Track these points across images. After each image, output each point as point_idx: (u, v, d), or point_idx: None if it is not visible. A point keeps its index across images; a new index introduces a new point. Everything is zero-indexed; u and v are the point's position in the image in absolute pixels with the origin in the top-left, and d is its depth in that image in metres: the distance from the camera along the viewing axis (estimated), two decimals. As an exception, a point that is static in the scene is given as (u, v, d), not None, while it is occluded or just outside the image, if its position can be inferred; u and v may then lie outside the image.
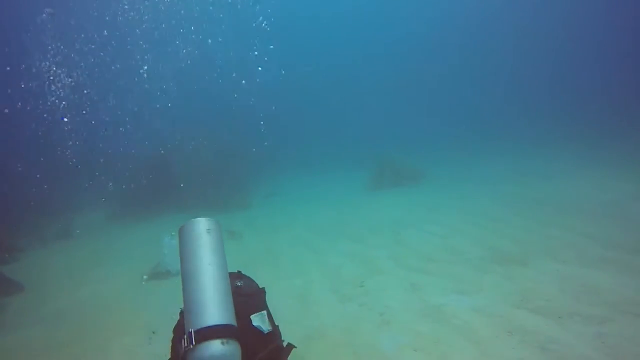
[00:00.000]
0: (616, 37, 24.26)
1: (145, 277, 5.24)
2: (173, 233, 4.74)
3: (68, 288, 5.28)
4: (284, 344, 1.87)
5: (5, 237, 7.07)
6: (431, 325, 3.21)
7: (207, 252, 1.65)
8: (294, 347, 1.84)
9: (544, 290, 3.58)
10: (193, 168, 8.69)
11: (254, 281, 2.07)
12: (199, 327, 1.44)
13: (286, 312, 3.57)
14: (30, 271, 6.15)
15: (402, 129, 19.21)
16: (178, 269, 1.73)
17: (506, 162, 10.47)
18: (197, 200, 8.96)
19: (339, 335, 3.24)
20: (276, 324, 1.93)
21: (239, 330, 1.52)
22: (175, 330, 1.77)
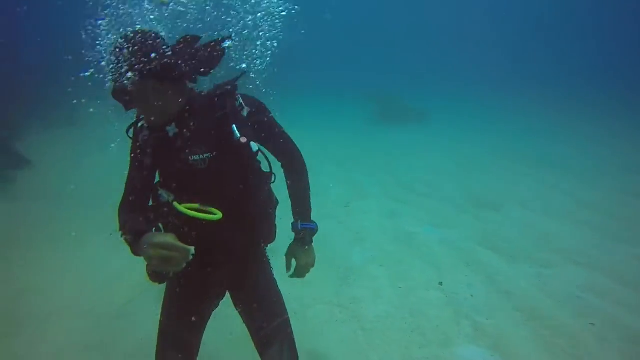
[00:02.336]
0: None
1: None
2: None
3: (70, 168, 5.58)
4: None
5: (12, 116, 7.23)
6: (400, 248, 3.61)
7: None
8: None
9: (506, 234, 3.95)
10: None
11: None
12: None
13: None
14: (36, 150, 6.42)
15: (412, 65, 18.66)
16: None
17: (518, 121, 10.33)
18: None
19: (315, 243, 3.63)
20: None
21: None
22: None
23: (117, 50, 1.15)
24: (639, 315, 2.62)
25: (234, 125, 1.24)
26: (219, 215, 1.24)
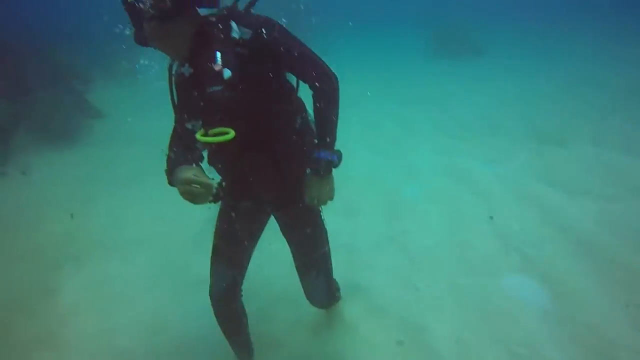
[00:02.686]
0: None
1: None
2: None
3: (139, 117, 6.00)
4: None
5: (81, 68, 7.76)
6: (451, 183, 3.59)
7: None
8: None
9: (570, 170, 3.74)
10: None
11: None
12: None
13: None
14: (106, 100, 6.92)
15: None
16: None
17: (586, 43, 9.30)
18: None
19: (366, 179, 3.73)
20: None
21: None
22: None
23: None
24: None
25: (218, 52, 1.19)
26: (231, 133, 1.24)
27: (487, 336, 2.01)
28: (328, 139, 1.43)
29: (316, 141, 1.46)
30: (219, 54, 1.19)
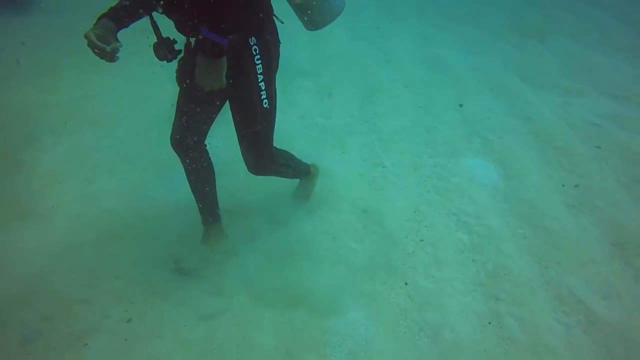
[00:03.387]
0: None
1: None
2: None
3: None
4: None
5: None
6: (427, 71, 3.62)
7: None
8: None
9: (544, 64, 3.81)
10: None
11: None
12: None
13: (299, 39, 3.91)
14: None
15: None
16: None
17: None
18: None
19: (343, 62, 3.69)
20: None
21: None
22: None
23: None
24: (650, 143, 2.72)
25: None
26: None
27: (441, 207, 2.27)
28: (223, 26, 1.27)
29: None
30: None
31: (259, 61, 1.52)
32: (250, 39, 1.48)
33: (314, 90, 3.31)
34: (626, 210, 2.25)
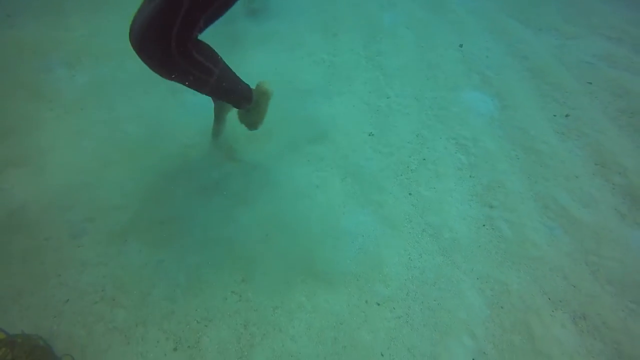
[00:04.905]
0: None
1: None
2: None
3: None
4: None
5: None
6: (430, 14, 3.69)
7: None
8: None
9: (544, 9, 3.89)
10: None
11: None
12: None
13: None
14: None
15: None
16: None
17: None
18: None
19: (348, 3, 3.76)
20: None
21: None
22: None
23: None
24: (639, 77, 2.89)
25: None
26: None
27: (442, 133, 2.46)
28: None
29: None
30: None
31: None
32: None
33: (319, 30, 3.40)
34: (610, 136, 2.45)
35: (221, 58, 1.55)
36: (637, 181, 2.16)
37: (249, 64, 2.97)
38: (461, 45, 3.26)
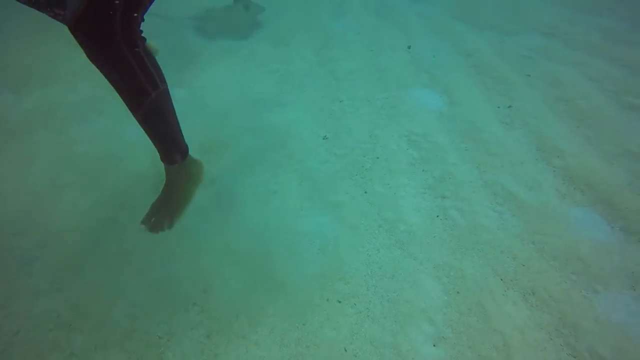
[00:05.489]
0: None
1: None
2: None
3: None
4: None
5: None
6: (378, 20, 3.84)
7: None
8: None
9: (485, 9, 4.12)
10: None
11: None
12: None
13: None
14: None
15: None
16: None
17: None
18: None
19: (299, 14, 3.84)
20: None
21: None
22: None
23: None
24: (572, 68, 3.09)
25: None
26: None
27: (394, 131, 2.54)
28: None
29: None
30: None
31: None
32: None
33: (272, 41, 3.45)
34: (549, 123, 2.61)
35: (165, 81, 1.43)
36: (573, 163, 2.31)
37: (204, 78, 2.98)
38: (409, 47, 3.39)
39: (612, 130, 2.54)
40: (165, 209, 1.77)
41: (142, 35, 1.33)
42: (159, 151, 1.65)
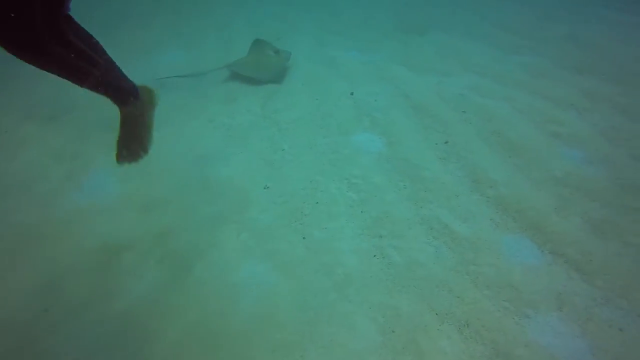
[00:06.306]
0: None
1: None
2: None
3: None
4: None
5: None
6: (323, 69, 4.03)
7: None
8: None
9: (423, 53, 4.39)
10: None
11: None
12: None
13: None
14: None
15: None
16: None
17: None
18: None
19: (249, 85, 4.01)
20: None
21: None
22: None
23: None
24: (502, 102, 3.29)
25: None
26: None
27: (334, 175, 2.61)
28: None
29: None
30: None
31: None
32: None
33: (221, 98, 3.58)
34: (483, 155, 2.73)
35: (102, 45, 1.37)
36: (505, 191, 2.40)
37: (156, 140, 3.04)
38: (352, 93, 3.56)
39: (539, 157, 2.67)
40: (134, 138, 1.67)
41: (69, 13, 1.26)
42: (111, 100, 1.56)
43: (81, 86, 1.35)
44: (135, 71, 1.79)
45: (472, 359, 1.60)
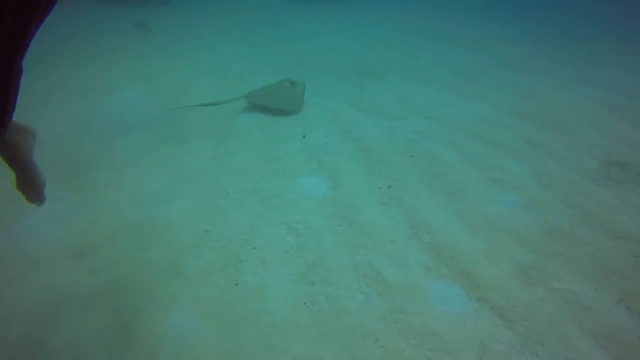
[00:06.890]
0: None
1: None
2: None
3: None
4: None
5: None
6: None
7: None
8: None
9: (378, 97, 4.56)
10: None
11: None
12: None
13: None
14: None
15: None
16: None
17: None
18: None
19: (203, 111, 4.07)
20: None
21: None
22: None
23: None
24: (447, 146, 3.42)
25: None
26: None
27: (275, 219, 2.62)
28: None
29: None
30: None
31: None
32: None
33: (171, 140, 3.59)
34: (424, 200, 2.80)
35: None
36: (441, 237, 2.45)
37: (97, 179, 3.01)
38: (304, 136, 3.64)
39: (477, 202, 2.76)
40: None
41: None
42: None
43: None
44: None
45: (388, 413, 1.57)
